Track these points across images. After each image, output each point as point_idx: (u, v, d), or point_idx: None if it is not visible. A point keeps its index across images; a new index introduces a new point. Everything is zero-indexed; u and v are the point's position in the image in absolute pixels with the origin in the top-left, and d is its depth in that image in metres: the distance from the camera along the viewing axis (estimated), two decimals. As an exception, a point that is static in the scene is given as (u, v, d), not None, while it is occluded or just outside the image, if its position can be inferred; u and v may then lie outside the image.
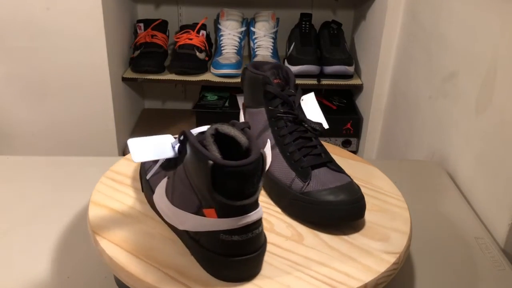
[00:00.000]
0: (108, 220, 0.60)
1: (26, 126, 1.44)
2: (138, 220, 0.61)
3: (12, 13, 1.29)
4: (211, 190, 0.47)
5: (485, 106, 0.85)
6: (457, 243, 0.74)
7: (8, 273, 0.64)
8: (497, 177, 0.80)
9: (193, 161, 0.49)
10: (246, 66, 0.71)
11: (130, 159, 0.74)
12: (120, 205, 0.63)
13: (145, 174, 0.64)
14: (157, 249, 0.56)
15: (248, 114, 0.72)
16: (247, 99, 0.73)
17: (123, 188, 0.67)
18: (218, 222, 0.49)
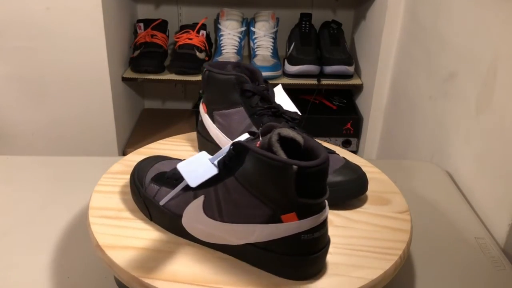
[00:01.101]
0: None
1: (26, 126, 1.44)
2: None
3: (12, 13, 1.29)
4: (295, 194, 0.47)
5: (485, 106, 0.85)
6: (457, 243, 0.74)
7: (8, 273, 0.64)
8: (497, 177, 0.80)
9: (263, 171, 0.48)
10: (206, 69, 0.70)
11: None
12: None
13: (153, 201, 0.59)
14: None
15: (219, 117, 0.71)
16: (214, 102, 0.71)
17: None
18: (300, 224, 0.49)
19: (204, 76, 0.71)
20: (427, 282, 0.66)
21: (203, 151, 0.55)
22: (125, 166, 0.72)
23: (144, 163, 0.64)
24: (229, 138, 0.70)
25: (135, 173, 0.63)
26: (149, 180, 0.61)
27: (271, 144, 0.48)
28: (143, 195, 0.60)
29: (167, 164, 0.63)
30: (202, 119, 0.75)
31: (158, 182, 0.60)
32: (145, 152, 0.76)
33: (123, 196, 0.65)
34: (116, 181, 0.68)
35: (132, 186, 0.63)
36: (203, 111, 0.74)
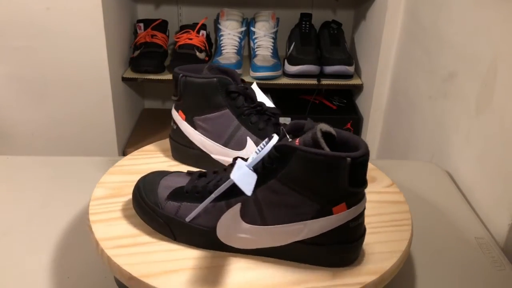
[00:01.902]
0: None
1: (26, 126, 1.44)
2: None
3: (12, 13, 1.29)
4: (347, 185, 0.49)
5: (485, 106, 0.85)
6: (457, 243, 0.74)
7: (8, 273, 0.64)
8: (497, 177, 0.80)
9: (314, 168, 0.49)
10: (182, 75, 0.67)
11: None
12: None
13: (175, 219, 0.56)
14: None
15: (202, 122, 0.69)
16: (194, 108, 0.69)
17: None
18: (349, 213, 0.52)
19: (180, 82, 0.67)
20: (427, 282, 0.66)
21: (238, 157, 0.53)
22: (108, 189, 0.67)
23: (147, 182, 0.60)
24: (216, 142, 0.68)
25: (142, 195, 0.59)
26: (164, 198, 0.57)
27: (317, 141, 0.50)
28: (163, 215, 0.57)
29: (174, 178, 0.60)
30: (178, 127, 0.71)
31: (176, 199, 0.57)
32: (118, 171, 0.71)
33: (128, 221, 0.61)
34: (107, 207, 0.63)
35: (141, 208, 0.59)
36: (180, 118, 0.71)
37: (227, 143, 0.68)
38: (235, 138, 0.67)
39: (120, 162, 0.73)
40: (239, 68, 1.51)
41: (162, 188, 0.59)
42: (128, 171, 0.71)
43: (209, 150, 0.70)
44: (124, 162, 0.73)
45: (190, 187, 0.57)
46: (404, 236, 0.61)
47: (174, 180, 0.60)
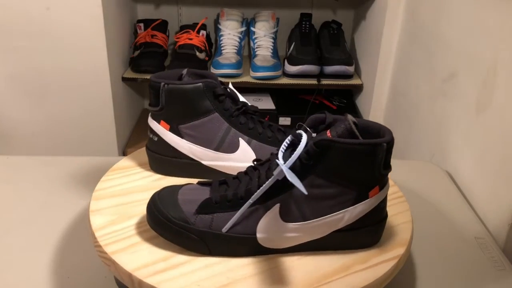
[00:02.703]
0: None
1: (26, 126, 1.44)
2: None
3: (12, 13, 1.29)
4: (382, 169, 0.53)
5: (485, 106, 0.85)
6: (457, 243, 0.74)
7: (8, 273, 0.64)
8: (497, 177, 0.80)
9: (353, 158, 0.52)
10: (164, 83, 0.64)
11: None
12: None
13: (210, 233, 0.55)
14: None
15: (190, 129, 0.66)
16: (180, 116, 0.66)
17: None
18: (381, 194, 0.56)
19: (162, 91, 0.64)
20: (427, 282, 0.66)
21: (280, 162, 0.52)
22: (106, 215, 0.62)
23: (164, 201, 0.56)
24: (207, 148, 0.67)
25: (165, 214, 0.55)
26: (192, 213, 0.55)
27: (352, 131, 0.53)
28: (195, 230, 0.55)
29: (191, 192, 0.58)
30: (160, 138, 0.68)
31: (207, 211, 0.55)
32: (104, 195, 0.66)
33: (150, 244, 0.57)
34: (118, 234, 0.59)
35: (166, 228, 0.55)
36: (162, 129, 0.67)
37: (219, 147, 0.66)
38: (227, 141, 0.66)
39: (100, 185, 0.68)
40: (239, 68, 1.51)
41: (184, 204, 0.56)
42: (115, 193, 0.66)
43: (200, 157, 0.68)
44: (104, 184, 0.68)
45: (218, 197, 0.55)
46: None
47: (193, 193, 0.57)
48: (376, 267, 0.55)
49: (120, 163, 0.74)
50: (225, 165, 0.66)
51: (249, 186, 0.55)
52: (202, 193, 0.57)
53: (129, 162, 0.74)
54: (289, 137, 0.55)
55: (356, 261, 0.56)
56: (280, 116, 1.55)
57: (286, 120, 1.55)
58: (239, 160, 0.66)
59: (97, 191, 0.66)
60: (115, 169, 0.72)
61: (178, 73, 0.68)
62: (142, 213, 0.62)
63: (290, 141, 0.55)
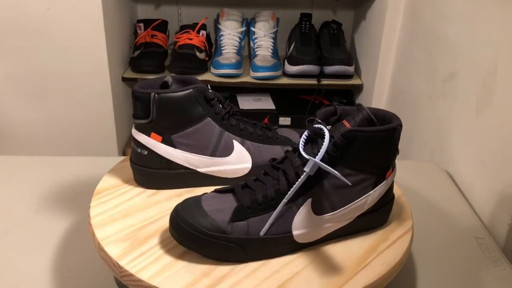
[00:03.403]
0: (109, 220, 0.59)
1: (26, 126, 1.44)
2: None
3: (12, 13, 1.29)
4: (395, 150, 0.59)
5: (485, 106, 0.85)
6: (457, 243, 0.74)
7: (8, 273, 0.64)
8: (497, 177, 0.80)
9: (377, 144, 0.56)
10: (154, 93, 0.60)
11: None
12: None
13: (249, 239, 0.54)
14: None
15: (183, 138, 0.64)
16: (171, 126, 0.63)
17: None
18: (393, 174, 0.60)
19: (153, 101, 0.61)
20: (427, 282, 0.66)
21: (311, 158, 0.52)
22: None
23: (190, 216, 0.54)
24: (203, 155, 0.65)
25: (198, 228, 0.53)
26: (227, 222, 0.54)
27: (371, 119, 0.57)
28: (234, 239, 0.54)
29: (215, 201, 0.56)
30: (152, 151, 0.64)
31: (241, 218, 0.54)
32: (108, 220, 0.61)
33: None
34: (145, 259, 0.55)
35: (201, 242, 0.54)
36: (154, 142, 0.64)
37: (214, 152, 0.65)
38: (221, 145, 0.65)
39: (94, 211, 0.62)
40: (239, 68, 1.51)
41: (214, 214, 0.54)
42: (115, 218, 0.62)
43: (196, 165, 0.65)
44: (98, 210, 0.63)
45: (249, 202, 0.55)
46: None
47: (218, 202, 0.56)
48: (397, 243, 0.59)
49: (102, 184, 0.68)
50: (221, 169, 0.66)
51: (277, 186, 0.55)
52: (228, 200, 0.56)
53: (111, 181, 0.69)
54: (305, 133, 0.56)
55: (378, 241, 0.59)
56: (280, 116, 1.55)
57: (286, 120, 1.55)
58: (234, 163, 0.66)
59: (95, 218, 0.61)
60: (100, 191, 0.66)
61: (160, 82, 0.65)
62: (157, 231, 0.59)
63: (307, 136, 0.56)
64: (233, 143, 0.65)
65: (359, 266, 0.55)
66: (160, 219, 0.61)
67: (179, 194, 0.66)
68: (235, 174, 0.66)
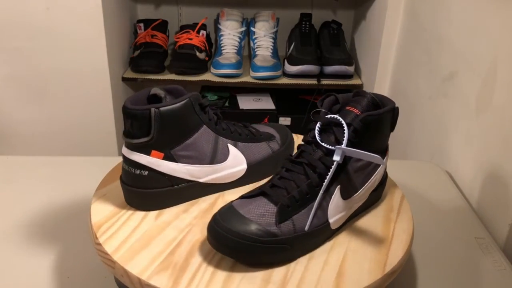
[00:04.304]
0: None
1: (26, 126, 1.44)
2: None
3: (12, 13, 1.29)
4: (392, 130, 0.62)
5: (485, 106, 0.85)
6: (457, 243, 0.74)
7: (8, 273, 0.64)
8: (497, 177, 0.80)
9: (386, 124, 0.60)
10: (154, 108, 0.57)
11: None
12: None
13: (298, 236, 0.55)
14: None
15: (184, 151, 0.61)
16: (172, 140, 0.60)
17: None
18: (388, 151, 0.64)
19: (154, 117, 0.57)
20: (427, 282, 0.66)
21: (339, 146, 0.55)
22: (160, 273, 0.53)
23: (236, 227, 0.53)
24: (203, 164, 0.63)
25: (246, 238, 0.52)
26: (274, 225, 0.54)
27: (375, 103, 0.60)
28: (286, 240, 0.54)
29: (249, 206, 0.56)
30: (153, 170, 0.60)
31: (285, 218, 0.54)
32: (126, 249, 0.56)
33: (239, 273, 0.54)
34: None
35: (253, 250, 0.53)
36: (156, 160, 0.60)
37: (213, 159, 0.64)
38: (219, 151, 0.64)
39: (108, 249, 0.56)
40: (239, 68, 1.51)
41: (258, 219, 0.54)
42: (136, 249, 0.56)
43: (197, 176, 0.63)
44: (111, 246, 0.56)
45: (287, 200, 0.55)
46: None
47: (254, 207, 0.55)
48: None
49: (96, 217, 0.61)
50: (221, 175, 0.65)
51: (308, 179, 0.56)
52: (262, 204, 0.55)
53: (103, 211, 0.62)
54: (318, 125, 0.58)
55: (387, 211, 0.65)
56: (280, 116, 1.55)
57: (286, 120, 1.55)
58: (232, 166, 0.66)
59: (116, 254, 0.55)
60: (99, 225, 0.60)
61: (146, 95, 0.61)
62: (190, 251, 0.56)
63: (320, 127, 0.58)
64: (228, 147, 0.65)
65: (387, 240, 0.59)
66: (184, 238, 0.58)
67: (185, 210, 0.63)
68: (233, 177, 0.66)
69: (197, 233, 0.59)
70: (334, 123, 0.57)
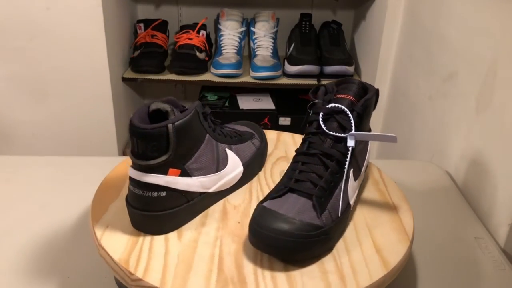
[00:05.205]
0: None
1: (26, 126, 1.44)
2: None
3: (12, 13, 1.29)
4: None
5: (485, 106, 0.85)
6: (457, 243, 0.74)
7: (8, 273, 0.64)
8: (497, 177, 0.80)
9: (374, 105, 0.64)
10: (170, 123, 0.53)
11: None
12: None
13: (336, 223, 0.57)
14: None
15: (195, 164, 0.59)
16: (187, 154, 0.57)
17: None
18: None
19: (171, 133, 0.54)
20: (427, 282, 0.66)
21: (353, 133, 0.58)
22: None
23: (280, 227, 0.53)
24: (211, 173, 0.62)
25: (298, 236, 0.53)
26: (317, 218, 0.55)
27: (364, 87, 0.63)
28: (330, 230, 0.56)
29: (283, 202, 0.56)
30: (170, 190, 0.57)
31: (323, 208, 0.56)
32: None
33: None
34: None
35: (304, 246, 0.54)
36: (173, 178, 0.57)
37: (218, 167, 0.63)
38: (221, 158, 0.63)
39: (152, 277, 0.52)
40: (239, 68, 1.51)
41: (300, 216, 0.55)
42: (182, 274, 0.53)
43: (208, 187, 0.62)
44: (152, 277, 0.52)
45: (319, 192, 0.56)
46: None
47: (289, 205, 0.56)
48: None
49: (117, 254, 0.55)
50: (225, 181, 0.64)
51: (329, 168, 0.58)
52: (294, 200, 0.56)
53: (119, 245, 0.57)
54: (321, 115, 0.60)
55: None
56: (280, 116, 1.55)
57: (286, 120, 1.56)
58: (231, 171, 0.65)
59: (166, 286, 0.52)
60: (126, 260, 0.54)
61: (145, 111, 0.57)
62: (238, 263, 0.55)
63: (325, 117, 0.60)
64: (226, 151, 0.64)
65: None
66: (221, 252, 0.56)
67: (202, 224, 0.61)
68: (233, 181, 0.66)
69: (230, 244, 0.58)
70: (335, 111, 0.60)
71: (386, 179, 0.72)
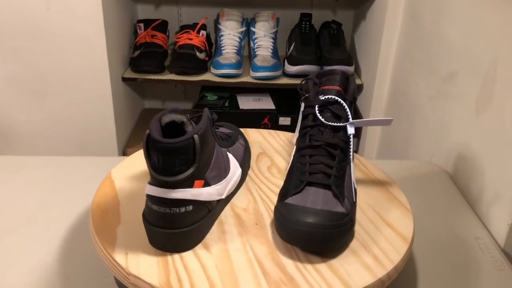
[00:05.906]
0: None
1: (26, 126, 1.44)
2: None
3: (12, 13, 1.29)
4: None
5: (485, 106, 0.85)
6: (457, 243, 0.74)
7: (8, 273, 0.64)
8: (497, 177, 0.80)
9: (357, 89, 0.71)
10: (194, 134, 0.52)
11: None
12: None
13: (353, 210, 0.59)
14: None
15: (211, 172, 0.58)
16: (206, 163, 0.56)
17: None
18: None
19: (198, 144, 0.52)
20: (427, 282, 0.66)
21: (351, 121, 0.62)
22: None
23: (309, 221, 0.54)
24: (223, 180, 0.61)
25: (332, 227, 0.54)
26: (341, 206, 0.57)
27: (347, 76, 0.66)
28: (354, 216, 0.58)
29: (306, 196, 0.57)
30: (197, 203, 0.55)
31: (343, 196, 0.58)
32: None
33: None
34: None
35: (335, 236, 0.55)
36: (198, 190, 0.55)
37: (226, 172, 0.62)
38: (225, 162, 0.63)
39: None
40: (239, 68, 1.51)
41: (327, 206, 0.56)
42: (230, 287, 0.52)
43: (221, 193, 0.60)
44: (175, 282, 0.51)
45: (335, 181, 0.59)
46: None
47: (312, 197, 0.57)
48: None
49: (153, 278, 0.52)
50: (231, 185, 0.64)
51: (336, 157, 0.60)
52: (314, 192, 0.58)
53: (149, 269, 0.53)
54: (316, 108, 0.62)
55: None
56: (280, 116, 1.55)
57: (286, 120, 1.56)
58: (234, 174, 0.65)
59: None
60: (165, 284, 0.52)
61: (159, 128, 0.53)
62: (279, 267, 0.54)
63: (319, 109, 0.62)
64: (228, 155, 0.64)
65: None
66: (256, 257, 0.56)
67: (222, 232, 0.59)
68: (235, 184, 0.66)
69: (261, 248, 0.57)
70: (329, 102, 0.62)
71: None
